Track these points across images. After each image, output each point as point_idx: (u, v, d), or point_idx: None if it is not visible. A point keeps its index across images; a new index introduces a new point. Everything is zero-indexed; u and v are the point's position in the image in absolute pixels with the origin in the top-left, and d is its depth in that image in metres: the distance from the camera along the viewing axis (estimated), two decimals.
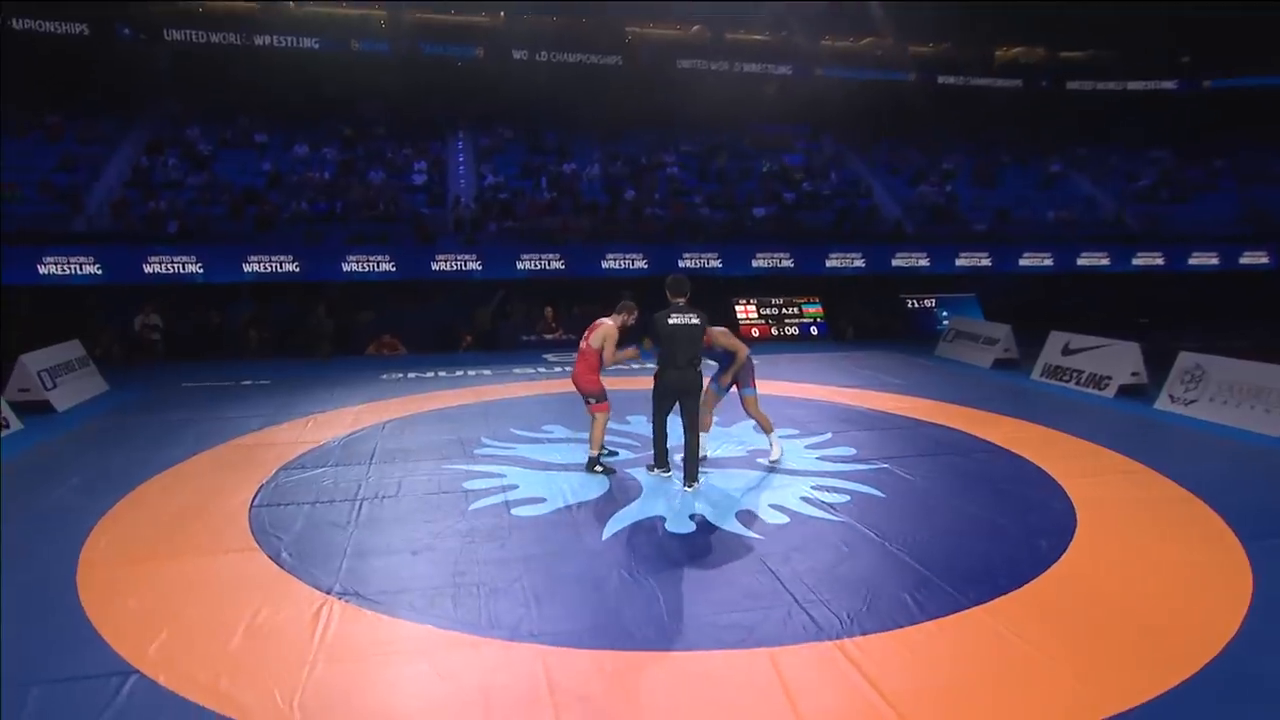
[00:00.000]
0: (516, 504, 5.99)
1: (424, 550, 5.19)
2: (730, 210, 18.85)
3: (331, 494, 6.24)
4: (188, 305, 15.14)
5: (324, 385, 10.78)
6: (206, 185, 16.81)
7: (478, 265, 16.17)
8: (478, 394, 10.16)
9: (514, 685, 3.67)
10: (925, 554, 5.02)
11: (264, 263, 15.01)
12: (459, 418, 8.82)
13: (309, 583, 4.71)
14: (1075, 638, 4.02)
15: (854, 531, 5.41)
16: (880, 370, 11.87)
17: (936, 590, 4.51)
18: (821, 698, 3.53)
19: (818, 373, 11.69)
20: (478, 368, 12.41)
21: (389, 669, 3.83)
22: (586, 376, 6.59)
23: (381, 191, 17.61)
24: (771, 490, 6.27)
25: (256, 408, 9.32)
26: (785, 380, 10.90)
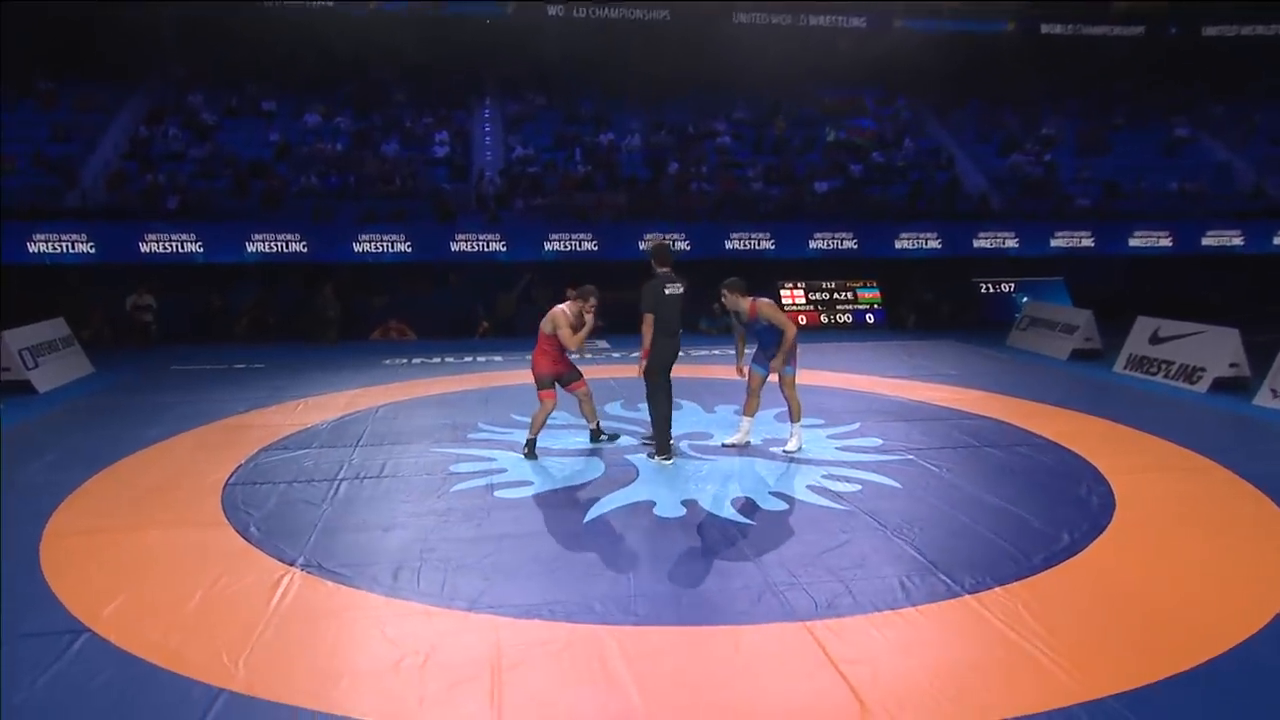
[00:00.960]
0: (501, 486, 6.48)
1: (396, 528, 5.67)
2: (788, 185, 19.09)
3: (311, 474, 6.81)
4: (186, 287, 16.04)
5: (321, 369, 11.50)
6: (209, 157, 17.76)
7: (502, 246, 16.74)
8: (483, 380, 10.76)
9: (461, 651, 4.08)
10: (929, 544, 5.28)
11: (269, 242, 15.82)
12: (458, 403, 9.39)
13: (273, 555, 5.23)
14: (1071, 627, 4.24)
15: (856, 520, 5.70)
16: (937, 361, 12.05)
17: (930, 578, 4.78)
18: (777, 674, 3.85)
19: (864, 362, 11.94)
20: (488, 354, 13.03)
21: (338, 633, 4.28)
22: (538, 360, 7.20)
23: (398, 165, 18.36)
24: (778, 478, 6.62)
25: (246, 391, 10.03)
26: (824, 369, 11.19)
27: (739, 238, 17.29)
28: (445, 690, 3.78)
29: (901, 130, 21.68)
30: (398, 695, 3.76)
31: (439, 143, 19.42)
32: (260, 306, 16.12)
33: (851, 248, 17.46)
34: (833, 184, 19.20)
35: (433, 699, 3.72)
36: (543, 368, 7.18)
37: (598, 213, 17.83)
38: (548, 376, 7.20)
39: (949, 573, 4.85)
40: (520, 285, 17.30)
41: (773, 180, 19.32)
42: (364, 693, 3.78)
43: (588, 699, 3.71)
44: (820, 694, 3.70)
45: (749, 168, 19.61)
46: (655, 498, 6.16)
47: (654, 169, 19.28)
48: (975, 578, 4.79)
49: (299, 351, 13.53)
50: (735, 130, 21.11)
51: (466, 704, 3.67)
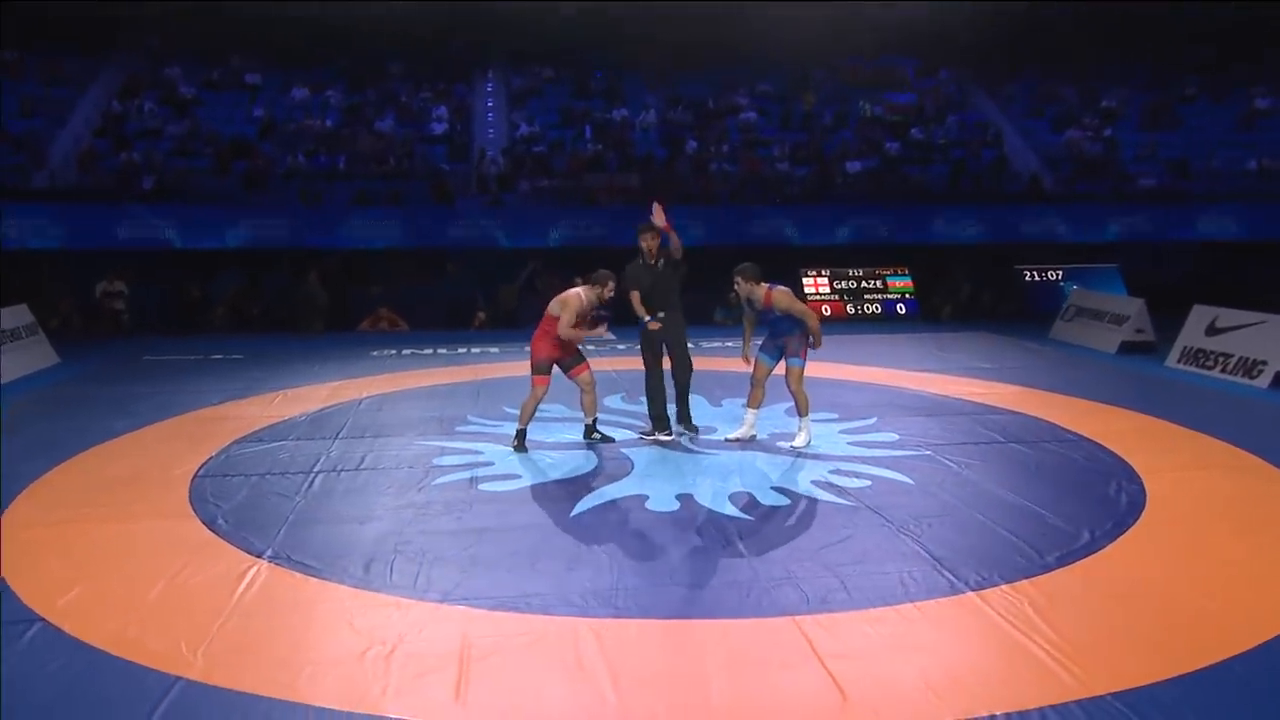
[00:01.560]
0: (486, 479, 6.74)
1: (372, 520, 5.91)
2: (817, 165, 19.24)
3: (285, 466, 7.09)
4: (162, 274, 16.43)
5: (304, 361, 11.86)
6: (188, 135, 18.17)
7: (504, 232, 17.00)
8: (476, 372, 11.09)
9: (430, 642, 4.29)
10: (936, 540, 5.44)
11: (253, 226, 16.19)
12: (448, 395, 9.70)
13: (240, 547, 5.47)
14: (1079, 625, 4.38)
15: (860, 516, 5.88)
16: (970, 354, 12.24)
17: (932, 575, 4.94)
18: (757, 669, 4.01)
19: (890, 355, 12.14)
20: (484, 345, 13.38)
21: (303, 624, 4.51)
22: (537, 343, 7.42)
23: (393, 143, 18.70)
24: (781, 473, 6.83)
25: (222, 382, 10.38)
26: (845, 363, 11.40)
27: (762, 222, 17.47)
28: (410, 680, 3.98)
29: (944, 104, 21.76)
30: (361, 684, 3.97)
31: (437, 119, 19.75)
32: (242, 296, 16.47)
33: (884, 233, 17.60)
34: (866, 164, 19.34)
35: (397, 688, 3.92)
36: (542, 351, 7.40)
37: (609, 196, 18.07)
38: (546, 361, 7.42)
39: (953, 570, 5.00)
40: (524, 274, 17.54)
41: (800, 160, 19.50)
42: (326, 682, 3.99)
43: (557, 690, 3.90)
44: (802, 689, 3.87)
45: (774, 146, 19.80)
46: (649, 492, 6.37)
47: (670, 147, 19.52)
48: (981, 575, 4.94)
49: (281, 342, 13.88)
50: (759, 105, 21.32)
51: (431, 693, 3.88)
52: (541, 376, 7.43)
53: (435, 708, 3.79)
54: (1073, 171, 19.68)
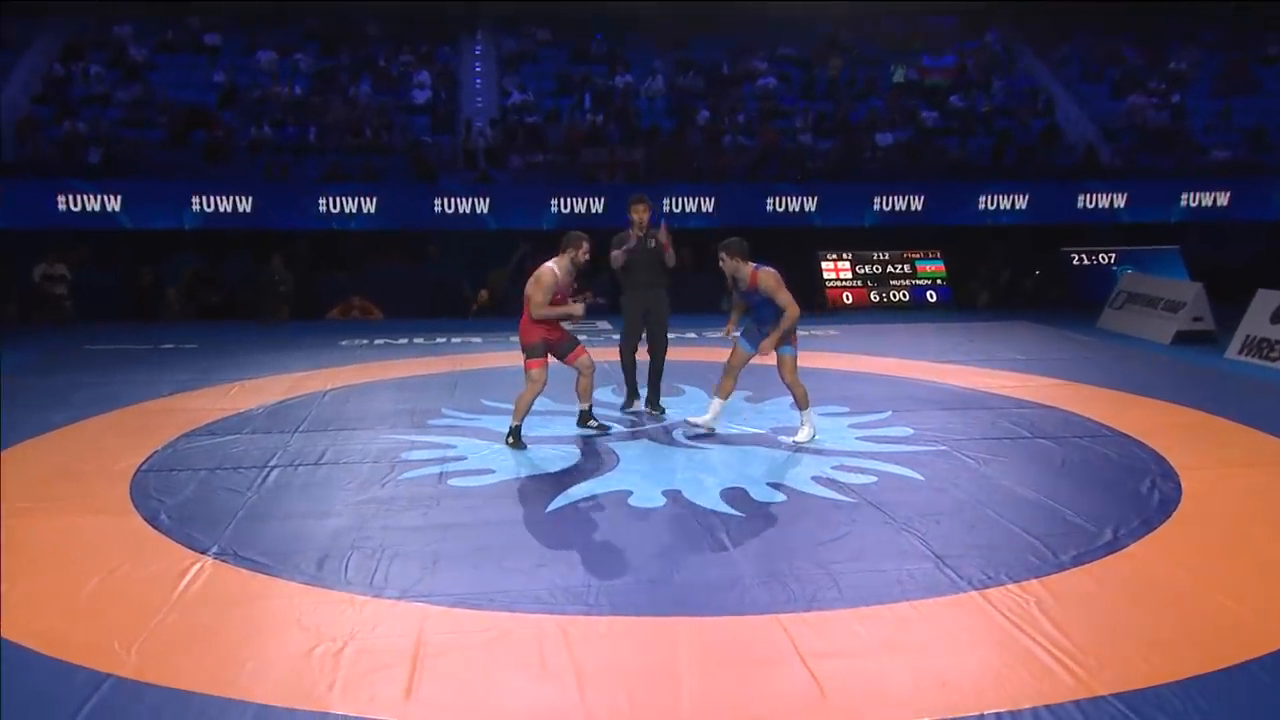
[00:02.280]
0: (456, 475, 6.99)
1: (329, 516, 6.15)
2: (844, 137, 19.42)
3: (238, 461, 7.35)
4: (110, 257, 16.73)
5: (263, 350, 12.18)
6: (140, 102, 18.43)
7: (493, 211, 17.25)
8: (455, 362, 11.40)
9: (383, 639, 4.51)
10: (941, 538, 5.65)
11: (212, 204, 16.41)
12: (421, 387, 10.01)
13: (184, 544, 5.70)
14: (1087, 626, 4.56)
15: (861, 512, 6.11)
16: (1005, 345, 12.48)
17: (933, 573, 5.14)
18: (732, 666, 4.22)
19: (914, 346, 12.38)
20: (465, 334, 13.68)
21: (247, 621, 4.73)
22: (525, 325, 7.61)
23: (370, 112, 18.94)
24: (780, 468, 7.07)
25: (173, 373, 10.69)
26: (861, 353, 11.70)
27: (780, 199, 17.69)
28: (360, 676, 4.20)
29: (989, 68, 21.84)
30: (306, 681, 4.18)
31: (419, 86, 19.99)
32: (198, 281, 16.75)
33: (917, 210, 17.77)
34: (899, 135, 19.51)
35: (344, 685, 4.14)
36: (532, 334, 7.54)
37: (610, 172, 18.28)
38: (540, 343, 7.56)
39: (956, 568, 5.20)
40: (514, 259, 17.70)
41: (824, 131, 19.68)
42: (269, 678, 4.21)
43: (517, 687, 4.11)
44: (779, 687, 4.07)
45: (796, 116, 19.99)
46: (632, 487, 6.60)
47: (679, 118, 19.73)
48: (987, 574, 5.13)
49: (241, 332, 14.18)
50: (780, 70, 21.49)
51: (380, 690, 4.09)
52: (536, 360, 7.54)
53: (383, 704, 3.99)
54: (1135, 143, 19.76)
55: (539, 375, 7.59)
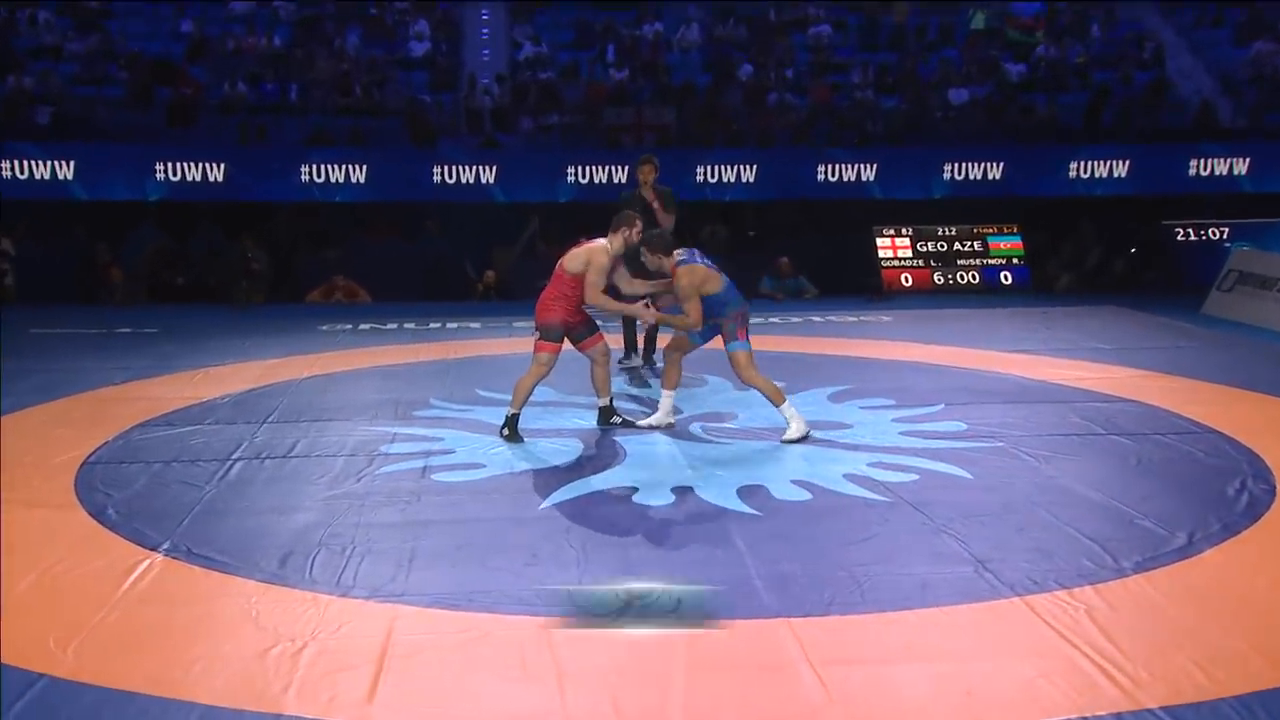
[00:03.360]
0: (441, 469, 7.24)
1: (296, 511, 6.40)
2: (911, 94, 19.49)
3: (197, 453, 7.64)
4: (61, 231, 17.08)
5: (233, 335, 12.56)
6: (96, 54, 18.74)
7: (500, 181, 17.44)
8: (448, 350, 11.72)
9: (347, 639, 4.73)
10: (983, 540, 5.82)
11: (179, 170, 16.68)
12: (408, 375, 10.35)
13: (132, 539, 5.97)
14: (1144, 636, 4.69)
15: (896, 512, 6.29)
16: (1088, 332, 12.58)
17: (970, 578, 5.30)
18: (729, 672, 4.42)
19: (979, 333, 12.52)
20: (462, 319, 13.98)
21: (197, 620, 4.97)
22: (546, 304, 7.80)
23: (359, 67, 19.21)
24: (807, 464, 7.26)
25: (128, 359, 11.10)
26: (915, 341, 11.89)
27: (831, 168, 17.73)
28: (318, 677, 4.41)
29: (1085, 13, 21.70)
30: (259, 682, 4.41)
31: (416, 37, 20.24)
32: (162, 259, 17.08)
33: (995, 179, 17.75)
34: (976, 92, 19.51)
35: (300, 686, 4.35)
36: (553, 314, 7.74)
37: (636, 135, 18.43)
38: (559, 325, 7.76)
39: (998, 572, 5.35)
40: (524, 237, 17.94)
41: (887, 88, 19.74)
42: (219, 679, 4.43)
43: (491, 690, 4.32)
44: (778, 692, 4.25)
45: (854, 70, 20.06)
46: (638, 483, 6.82)
47: (718, 74, 19.86)
48: (1033, 579, 5.28)
49: (208, 315, 14.59)
50: (836, 17, 21.53)
51: (339, 692, 4.30)
52: (551, 344, 7.74)
53: (343, 706, 4.21)
54: (1261, 98, 19.51)
55: (548, 360, 7.79)
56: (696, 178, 17.56)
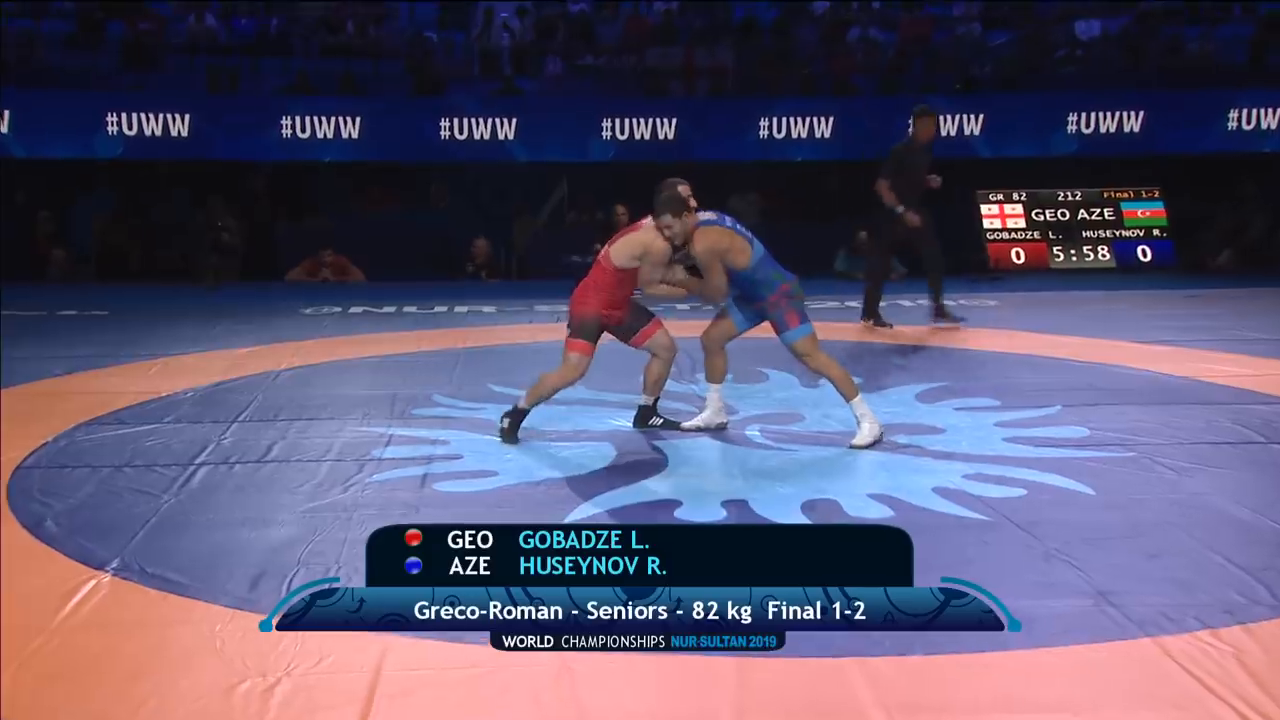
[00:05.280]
0: (444, 477, 7.29)
1: (271, 525, 6.46)
2: (1027, 27, 19.34)
3: (154, 456, 7.77)
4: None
5: (198, 320, 12.78)
6: None
7: (521, 136, 17.50)
8: (457, 337, 11.81)
9: (329, 675, 4.76)
10: (1108, 568, 5.73)
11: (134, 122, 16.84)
12: (408, 367, 10.49)
13: (75, 557, 6.05)
14: None
15: (998, 533, 6.23)
16: (1249, 320, 12.59)
17: (1090, 612, 5.24)
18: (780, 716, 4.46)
19: (1108, 321, 12.56)
20: (475, 302, 14.10)
21: (151, 650, 5.03)
22: (586, 295, 7.85)
23: None
24: (889, 475, 7.23)
25: (73, 347, 11.28)
26: (1028, 329, 11.88)
27: None
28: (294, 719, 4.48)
29: None
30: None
31: None
32: (114, 229, 17.25)
33: (1132, 132, 17.59)
34: (1109, 24, 19.38)
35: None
36: (590, 306, 7.79)
37: (687, 81, 18.42)
38: (594, 322, 7.80)
39: (1124, 606, 5.28)
40: (549, 204, 17.97)
41: (997, 21, 19.61)
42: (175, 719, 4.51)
43: None
44: None
45: (954, 2, 19.96)
46: (682, 496, 6.80)
47: (787, 6, 19.83)
48: (1169, 615, 5.20)
49: (168, 296, 14.82)
50: None
51: None
52: (583, 343, 7.77)
53: None
54: None
55: (579, 363, 7.82)
56: (759, 133, 17.58)
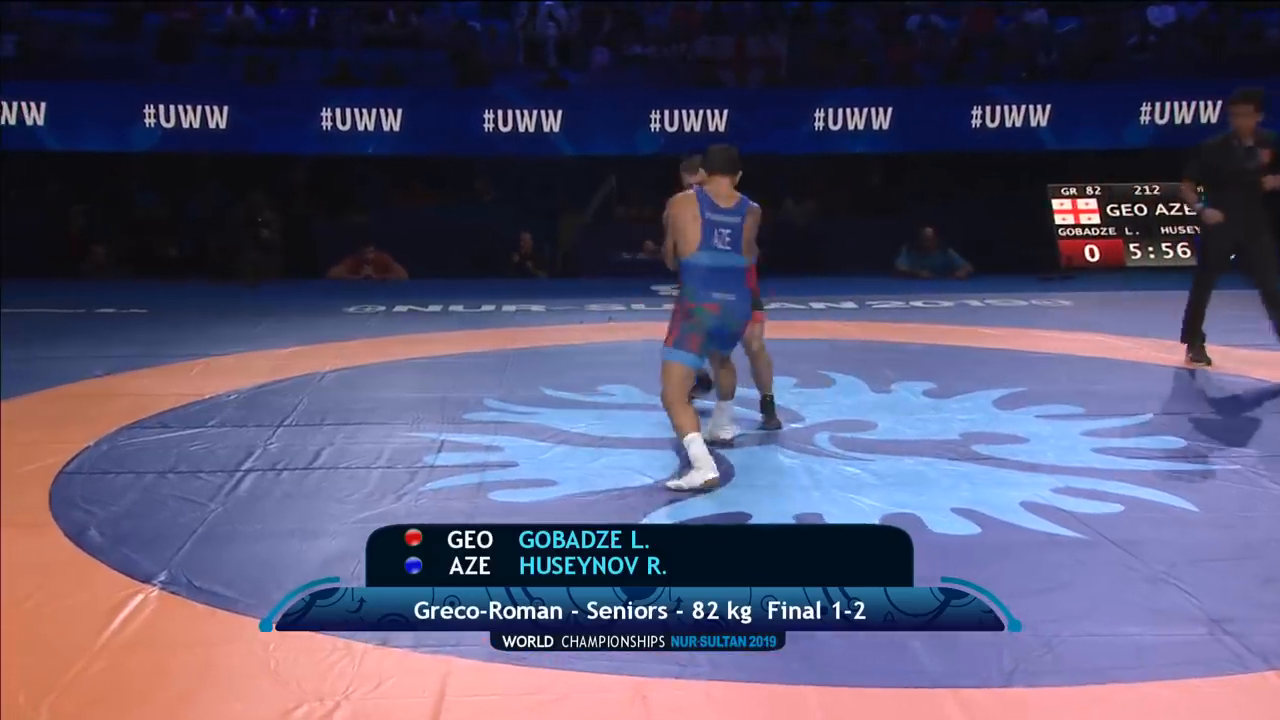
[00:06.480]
0: (500, 486, 7.17)
1: (322, 536, 6.33)
2: (1097, 13, 19.14)
3: (199, 462, 7.67)
4: (29, 188, 17.27)
5: (239, 319, 12.74)
6: None
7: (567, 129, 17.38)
8: (505, 338, 11.70)
9: (388, 699, 4.61)
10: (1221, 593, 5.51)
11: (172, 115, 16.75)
12: (457, 369, 10.37)
13: (120, 569, 5.93)
14: None
15: (1096, 553, 6.02)
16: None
17: (1206, 642, 5.01)
18: None
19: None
20: (521, 300, 14.01)
21: (202, 671, 4.88)
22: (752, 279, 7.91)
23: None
24: (972, 488, 7.05)
25: (112, 346, 11.17)
26: (1106, 333, 11.75)
27: (992, 110, 17.42)
28: None
29: None
30: None
31: None
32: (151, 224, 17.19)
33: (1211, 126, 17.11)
34: (1183, 10, 19.16)
35: None
36: None
37: (739, 72, 18.28)
38: None
39: (1242, 636, 5.06)
40: (596, 198, 17.83)
41: (1066, 7, 19.37)
42: None
43: None
44: None
45: None
46: (750, 508, 6.66)
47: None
48: None
49: (209, 293, 14.77)
50: None
51: None
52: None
53: None
54: None
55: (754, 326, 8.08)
56: (814, 124, 17.43)
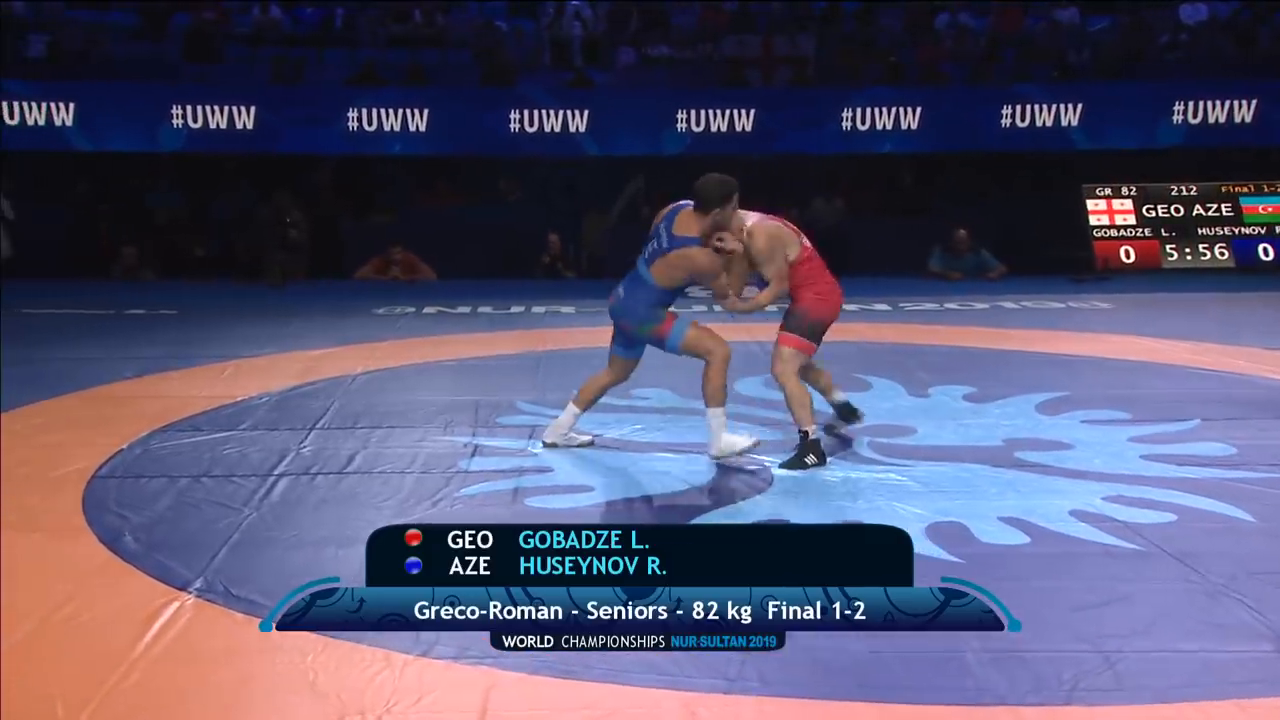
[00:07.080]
0: (537, 492, 7.11)
1: (357, 544, 6.10)
2: (1129, 12, 19.11)
3: (233, 466, 7.63)
4: (56, 188, 17.29)
5: (267, 319, 12.74)
6: None
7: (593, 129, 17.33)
8: (535, 340, 11.70)
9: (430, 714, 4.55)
10: None
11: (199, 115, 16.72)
12: (488, 371, 10.35)
13: (155, 575, 5.86)
14: None
15: (1153, 565, 5.92)
16: None
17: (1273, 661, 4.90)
18: None
19: (1235, 325, 12.38)
20: (550, 301, 13.98)
21: (240, 683, 4.82)
22: None
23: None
24: (1019, 496, 6.97)
25: (141, 347, 11.21)
26: (1147, 335, 11.61)
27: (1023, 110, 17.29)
28: None
29: None
30: None
31: None
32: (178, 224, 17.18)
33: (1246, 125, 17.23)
34: (1216, 8, 19.09)
35: None
36: None
37: (766, 71, 18.19)
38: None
39: None
40: (622, 199, 17.76)
41: (1097, 5, 19.27)
42: None
43: None
44: None
45: None
46: (790, 516, 6.60)
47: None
48: None
49: (237, 294, 14.77)
50: None
51: None
52: (787, 335, 7.78)
53: None
54: None
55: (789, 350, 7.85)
56: (842, 124, 17.38)
